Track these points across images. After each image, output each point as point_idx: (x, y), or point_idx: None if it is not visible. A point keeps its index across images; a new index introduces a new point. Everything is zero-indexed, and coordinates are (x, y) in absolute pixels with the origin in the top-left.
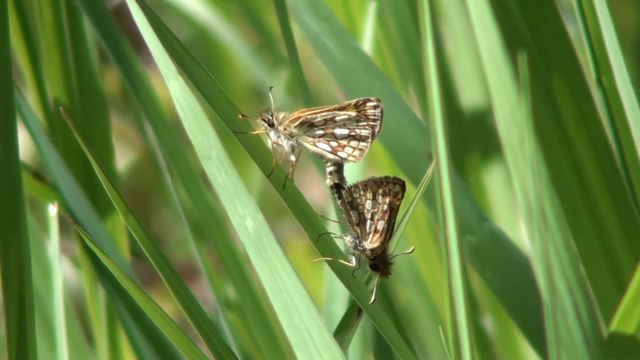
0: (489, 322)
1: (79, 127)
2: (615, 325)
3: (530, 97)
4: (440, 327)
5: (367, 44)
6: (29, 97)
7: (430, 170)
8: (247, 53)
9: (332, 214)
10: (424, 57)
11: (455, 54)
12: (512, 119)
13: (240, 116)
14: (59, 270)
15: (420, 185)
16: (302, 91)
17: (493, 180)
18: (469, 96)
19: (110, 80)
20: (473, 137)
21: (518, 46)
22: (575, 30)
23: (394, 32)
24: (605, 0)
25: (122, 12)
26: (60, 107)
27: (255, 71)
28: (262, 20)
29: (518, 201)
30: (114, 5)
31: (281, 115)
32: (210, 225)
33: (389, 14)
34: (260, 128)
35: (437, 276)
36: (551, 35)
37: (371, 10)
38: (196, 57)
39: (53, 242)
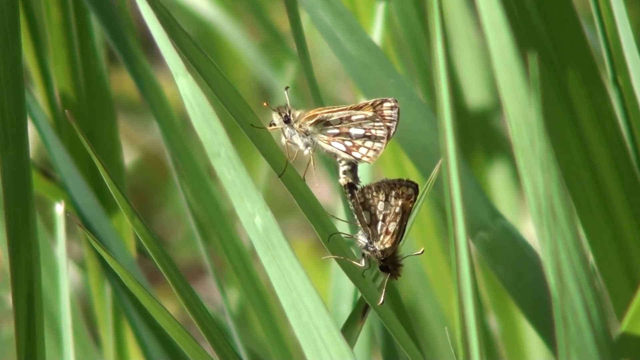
0: (493, 320)
1: (86, 126)
2: (625, 325)
3: (546, 97)
4: (446, 328)
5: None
6: (37, 94)
7: (436, 168)
8: (252, 50)
9: (341, 214)
10: (433, 57)
11: (459, 53)
12: (523, 120)
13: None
14: (66, 270)
15: (426, 184)
16: (311, 86)
17: (498, 178)
18: (473, 95)
19: (116, 79)
20: (478, 136)
21: (535, 45)
22: (591, 30)
23: (400, 32)
24: (622, 1)
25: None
26: (66, 110)
27: (261, 68)
28: (268, 17)
29: (528, 202)
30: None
31: (297, 113)
32: (217, 223)
33: (396, 13)
34: (275, 124)
35: (443, 276)
36: (568, 35)
37: (380, 10)
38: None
39: (60, 242)
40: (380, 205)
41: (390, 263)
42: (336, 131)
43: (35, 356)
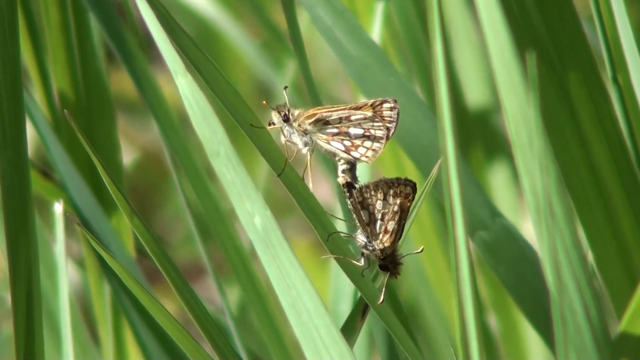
0: (493, 320)
1: (85, 125)
2: (624, 325)
3: (546, 97)
4: (446, 327)
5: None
6: (36, 94)
7: (436, 167)
8: (252, 49)
9: (339, 213)
10: (433, 57)
11: (459, 52)
12: (521, 119)
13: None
14: (65, 269)
15: (426, 183)
16: (308, 86)
17: (497, 178)
18: (473, 94)
19: (115, 78)
20: (477, 135)
21: (535, 45)
22: (591, 30)
23: (399, 31)
24: (622, 0)
25: (129, 10)
26: (65, 110)
27: (261, 67)
28: (268, 16)
29: (527, 200)
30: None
31: (296, 112)
32: (216, 222)
33: (395, 13)
34: (274, 123)
35: (443, 275)
36: (568, 35)
37: (379, 9)
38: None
39: (59, 241)
40: (379, 204)
41: (389, 262)
42: (335, 131)
43: (35, 355)
